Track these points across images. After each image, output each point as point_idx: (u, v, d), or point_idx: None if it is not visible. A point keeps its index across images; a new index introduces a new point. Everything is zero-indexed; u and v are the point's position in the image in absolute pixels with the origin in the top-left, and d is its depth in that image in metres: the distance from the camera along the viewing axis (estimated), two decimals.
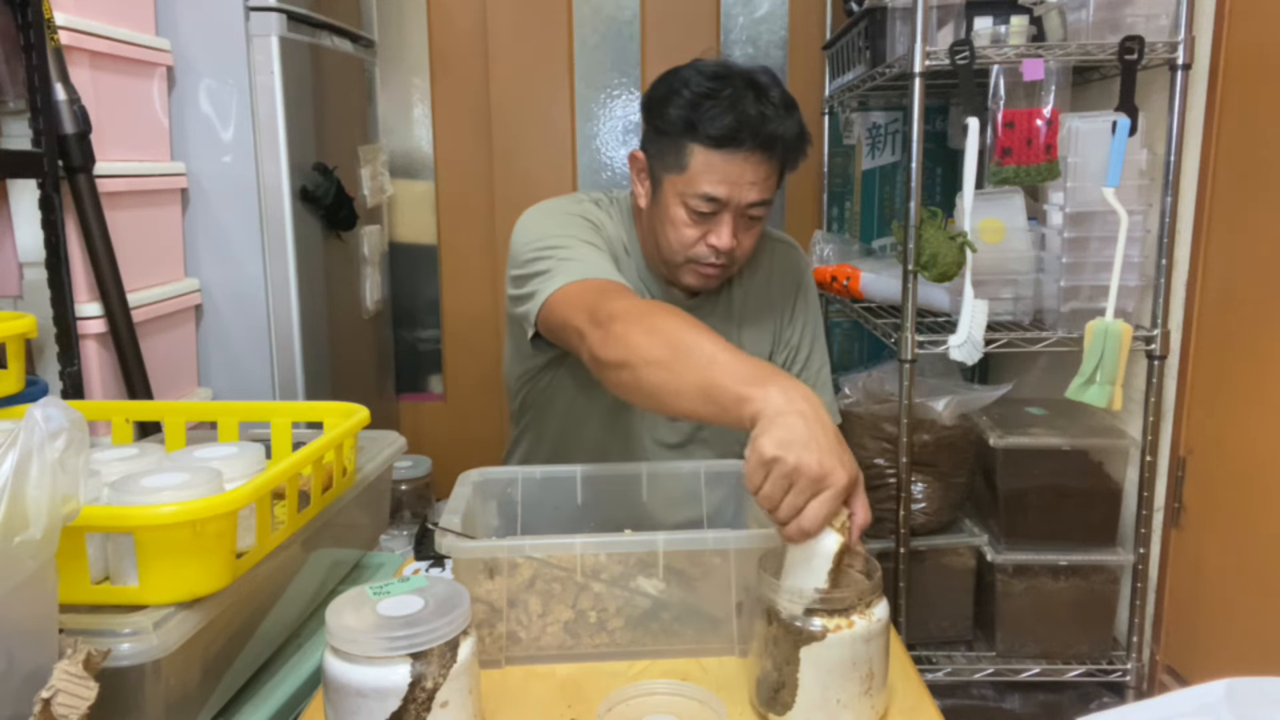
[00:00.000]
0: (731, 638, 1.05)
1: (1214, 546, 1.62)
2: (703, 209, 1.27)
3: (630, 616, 1.04)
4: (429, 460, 2.65)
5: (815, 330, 1.52)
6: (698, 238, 1.29)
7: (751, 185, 1.25)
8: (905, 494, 1.72)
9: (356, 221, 2.25)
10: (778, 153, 1.26)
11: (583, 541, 1.02)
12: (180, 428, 1.25)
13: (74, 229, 1.60)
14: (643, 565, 1.04)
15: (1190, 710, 0.59)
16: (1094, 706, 1.77)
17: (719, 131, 1.22)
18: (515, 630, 1.04)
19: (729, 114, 1.22)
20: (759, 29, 2.65)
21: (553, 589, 1.04)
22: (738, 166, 1.24)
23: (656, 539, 1.01)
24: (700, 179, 1.25)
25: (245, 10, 1.89)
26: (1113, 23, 1.61)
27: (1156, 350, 1.67)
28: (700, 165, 1.25)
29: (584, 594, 1.04)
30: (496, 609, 1.03)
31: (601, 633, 1.05)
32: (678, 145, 1.27)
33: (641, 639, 1.05)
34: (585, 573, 1.03)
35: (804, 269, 1.53)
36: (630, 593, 1.04)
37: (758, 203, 1.27)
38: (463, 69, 2.69)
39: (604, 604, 1.04)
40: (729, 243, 1.27)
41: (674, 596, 1.04)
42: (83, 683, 0.73)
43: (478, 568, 1.02)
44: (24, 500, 0.70)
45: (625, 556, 1.03)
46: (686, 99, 1.25)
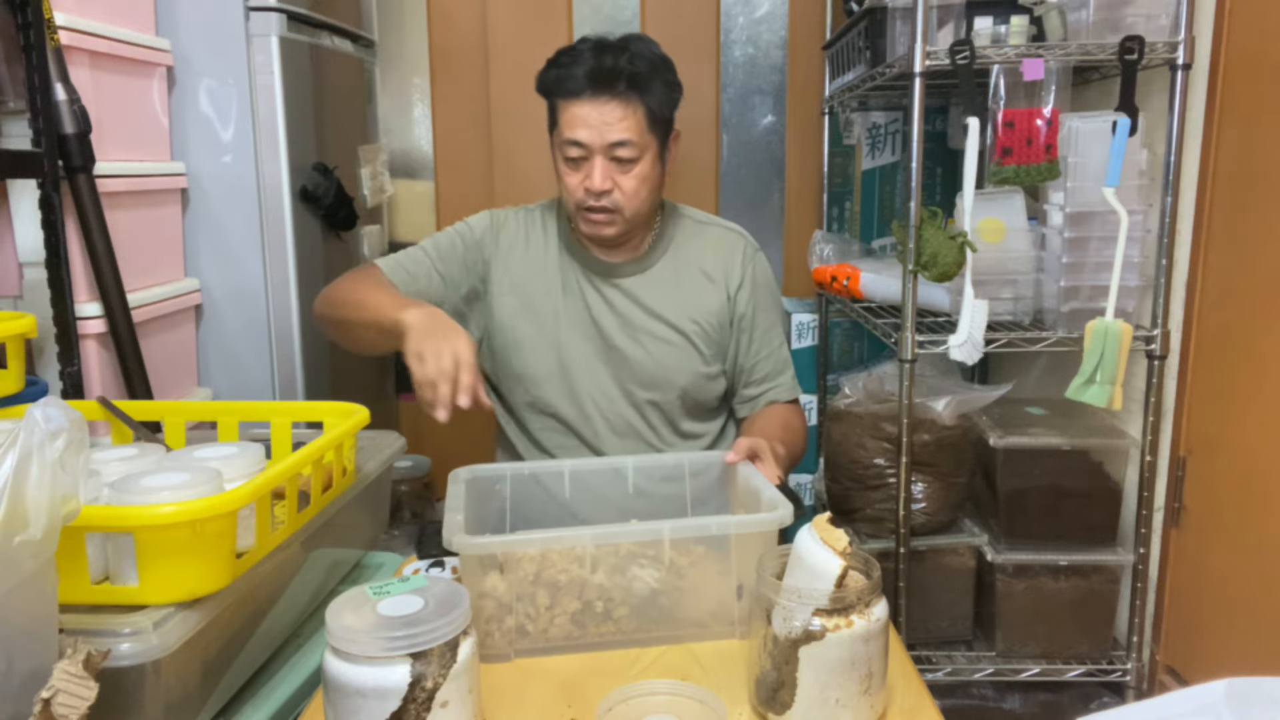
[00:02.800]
0: (733, 621, 1.08)
1: (1214, 546, 1.62)
2: (573, 154, 1.43)
3: (634, 605, 1.07)
4: (429, 460, 2.65)
5: (766, 309, 1.61)
6: (578, 184, 1.45)
7: (608, 126, 1.40)
8: (905, 494, 1.72)
9: (356, 221, 2.25)
10: (623, 91, 1.40)
11: (591, 532, 1.05)
12: (180, 428, 1.25)
13: (74, 229, 1.60)
14: (645, 555, 1.06)
15: (1190, 710, 0.59)
16: (1094, 706, 1.77)
17: (571, 83, 1.41)
18: (523, 624, 1.06)
19: (578, 68, 1.41)
20: (759, 29, 2.65)
21: (559, 581, 1.06)
22: (593, 110, 1.40)
23: (661, 527, 1.05)
24: (565, 129, 1.43)
25: (245, 10, 1.89)
26: (1113, 23, 1.61)
27: (1156, 350, 1.67)
28: (565, 118, 1.43)
29: (589, 585, 1.06)
30: (504, 603, 1.05)
31: (608, 622, 1.07)
32: (551, 107, 1.47)
33: (646, 626, 1.07)
34: (591, 564, 1.05)
35: (751, 253, 1.61)
36: (630, 580, 1.06)
37: (620, 142, 1.41)
38: (463, 69, 2.69)
39: (609, 594, 1.06)
40: (601, 183, 1.42)
41: (675, 584, 1.07)
42: (83, 683, 0.73)
43: (488, 564, 1.04)
44: (24, 500, 0.70)
45: (630, 546, 1.06)
46: (553, 64, 1.45)
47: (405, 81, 2.71)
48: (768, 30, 2.65)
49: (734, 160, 2.71)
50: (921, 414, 1.78)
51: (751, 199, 2.72)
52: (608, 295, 1.53)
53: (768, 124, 2.70)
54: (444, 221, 2.74)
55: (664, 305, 1.53)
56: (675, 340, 1.53)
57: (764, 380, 1.59)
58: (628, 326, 1.52)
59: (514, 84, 2.67)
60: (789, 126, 2.69)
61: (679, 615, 1.08)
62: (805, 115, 2.67)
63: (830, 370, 2.63)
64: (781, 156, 2.71)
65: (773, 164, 2.71)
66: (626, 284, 1.53)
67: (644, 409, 1.55)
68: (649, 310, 1.53)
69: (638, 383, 1.53)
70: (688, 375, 1.53)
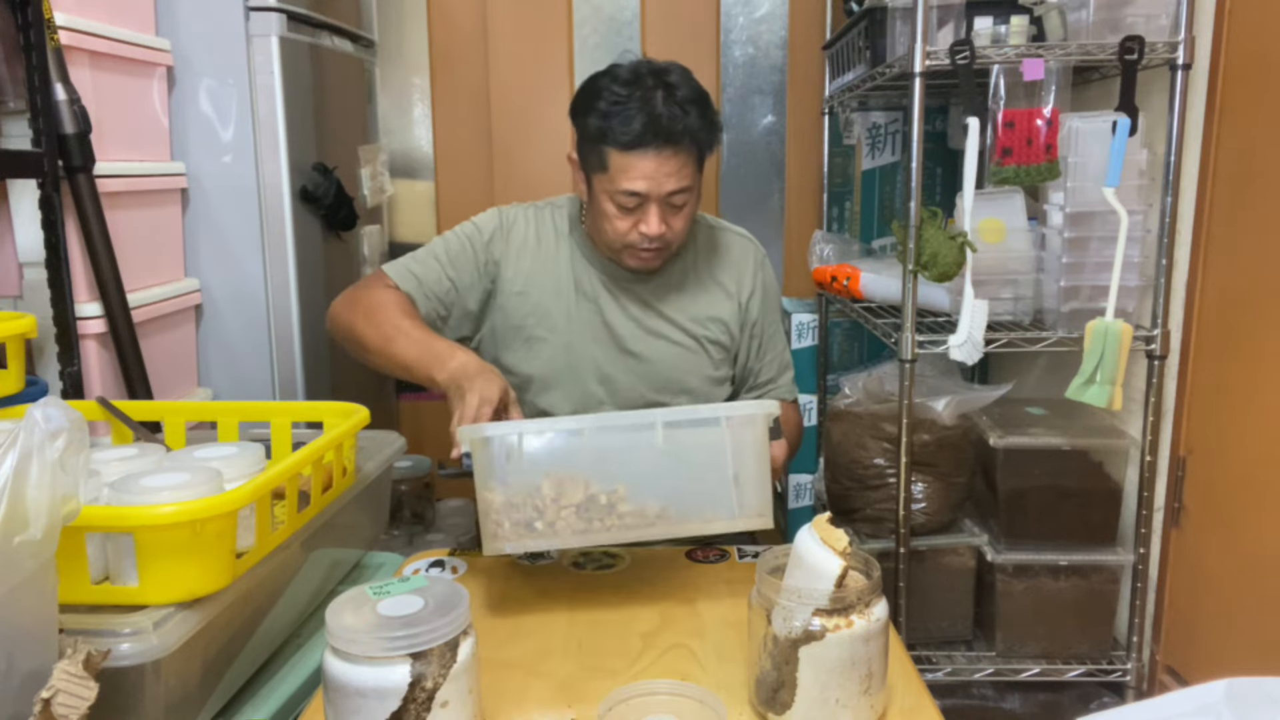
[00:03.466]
0: (733, 511, 1.14)
1: (1214, 546, 1.62)
2: (627, 204, 1.40)
3: (639, 500, 1.12)
4: (429, 460, 2.65)
5: (773, 313, 1.63)
6: (629, 228, 1.42)
7: (668, 177, 1.38)
8: (905, 494, 1.72)
9: (356, 221, 2.25)
10: (686, 145, 1.38)
11: (591, 419, 1.13)
12: (180, 428, 1.25)
13: (74, 229, 1.60)
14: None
15: (1190, 710, 0.59)
16: (1094, 706, 1.77)
17: (628, 137, 1.36)
18: (532, 520, 1.10)
19: (635, 119, 1.36)
20: (759, 29, 2.65)
21: (564, 478, 1.11)
22: (651, 163, 1.37)
23: (655, 414, 1.13)
24: (620, 178, 1.39)
25: (245, 10, 1.89)
26: (1113, 23, 1.61)
27: (1156, 350, 1.67)
28: (618, 166, 1.38)
29: (594, 480, 1.12)
30: (514, 502, 1.10)
31: (612, 515, 1.11)
32: (597, 150, 1.40)
33: (649, 520, 1.13)
34: (594, 446, 1.11)
35: (760, 260, 1.62)
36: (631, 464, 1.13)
37: (677, 191, 1.40)
38: (463, 69, 2.69)
39: (613, 486, 1.12)
40: (658, 229, 1.40)
41: (674, 477, 1.13)
42: (83, 683, 0.73)
43: (498, 454, 1.10)
44: (24, 500, 0.70)
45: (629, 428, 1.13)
46: (600, 109, 1.38)
47: (405, 81, 2.71)
48: (768, 30, 2.65)
49: (734, 160, 2.71)
50: (921, 414, 1.78)
51: (751, 199, 2.72)
52: (622, 299, 1.52)
53: (768, 124, 2.70)
54: (444, 221, 2.74)
55: (678, 310, 1.53)
56: (689, 344, 1.52)
57: (767, 383, 1.60)
58: (642, 330, 1.52)
59: (514, 84, 2.67)
60: (789, 126, 2.69)
61: (680, 507, 1.12)
62: (805, 115, 2.67)
63: (830, 370, 2.63)
64: (781, 156, 2.71)
65: (773, 164, 2.71)
66: (642, 289, 1.52)
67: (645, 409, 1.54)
68: (663, 315, 1.52)
69: (648, 385, 1.52)
70: (697, 379, 1.53)
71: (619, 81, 1.39)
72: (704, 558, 1.35)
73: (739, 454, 1.13)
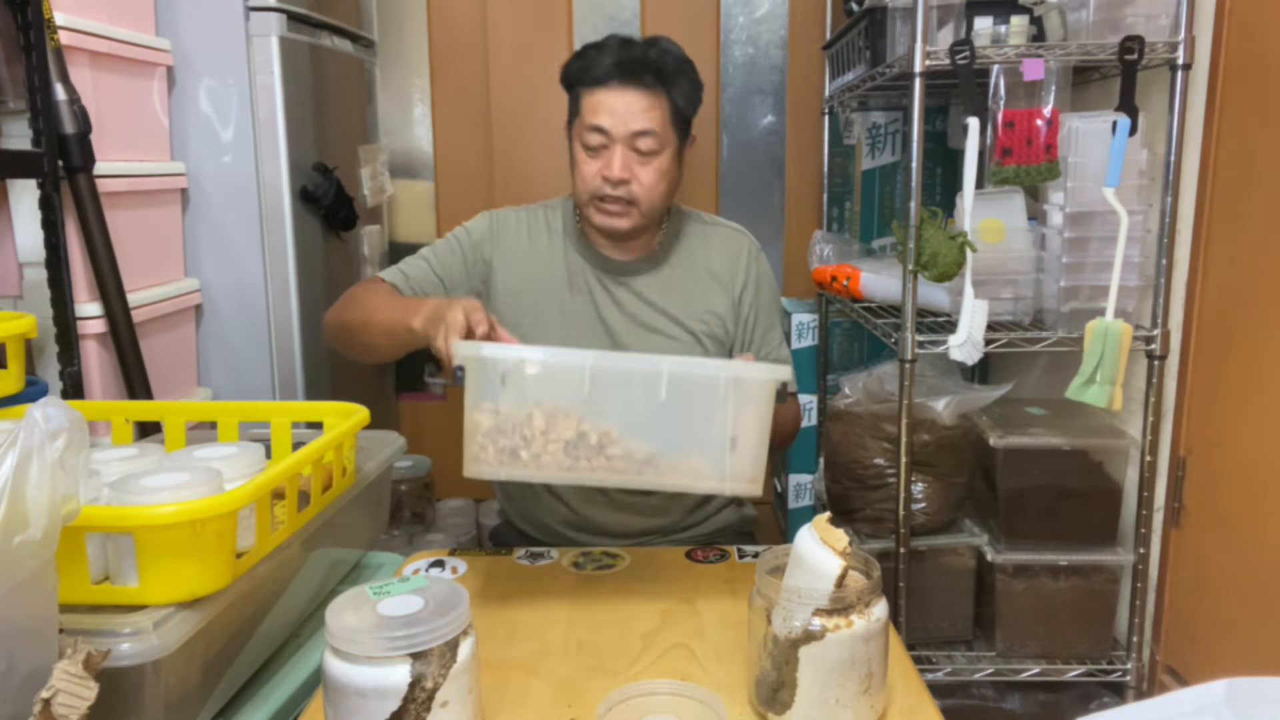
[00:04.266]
0: (724, 474, 1.08)
1: (1214, 546, 1.62)
2: (593, 141, 1.44)
3: (630, 447, 1.07)
4: (429, 460, 2.65)
5: (768, 305, 1.63)
6: (596, 171, 1.45)
7: (633, 115, 1.42)
8: (905, 494, 1.72)
9: (356, 221, 2.25)
10: (650, 83, 1.43)
11: (593, 355, 1.07)
12: (180, 428, 1.25)
13: (74, 229, 1.60)
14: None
15: (1190, 710, 0.59)
16: (1094, 706, 1.77)
17: (598, 71, 1.43)
18: (517, 448, 1.05)
19: (604, 58, 1.44)
20: (759, 29, 2.65)
21: (556, 411, 1.05)
22: (617, 98, 1.42)
23: (661, 361, 1.07)
24: (587, 114, 1.45)
25: (245, 10, 1.89)
26: (1113, 23, 1.61)
27: (1156, 350, 1.67)
28: (587, 105, 1.45)
29: (587, 419, 1.06)
30: (503, 428, 1.05)
31: (599, 456, 1.06)
32: (574, 96, 1.49)
33: (637, 467, 1.07)
34: (593, 387, 1.05)
35: (754, 252, 1.62)
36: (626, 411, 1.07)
37: (643, 131, 1.43)
38: (463, 69, 2.69)
39: (606, 427, 1.06)
40: (619, 172, 1.43)
41: (669, 430, 1.07)
42: (83, 683, 0.73)
43: (490, 373, 1.05)
44: (24, 500, 0.70)
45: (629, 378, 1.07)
46: (579, 56, 1.48)
47: (405, 81, 2.71)
48: (768, 30, 2.65)
49: (734, 160, 2.71)
50: (921, 414, 1.78)
51: (751, 199, 2.72)
52: (616, 294, 1.53)
53: (768, 124, 2.70)
54: (444, 221, 2.74)
55: (673, 304, 1.54)
56: (683, 339, 1.53)
57: None
58: (637, 325, 1.53)
59: (514, 84, 2.67)
60: (789, 126, 2.69)
61: (671, 460, 1.07)
62: (805, 115, 2.67)
63: (830, 370, 2.63)
64: (781, 156, 2.71)
65: (773, 164, 2.71)
66: (636, 283, 1.54)
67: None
68: (658, 309, 1.53)
69: None
70: None
71: (600, 41, 1.47)
72: (704, 558, 1.35)
73: (740, 417, 1.08)
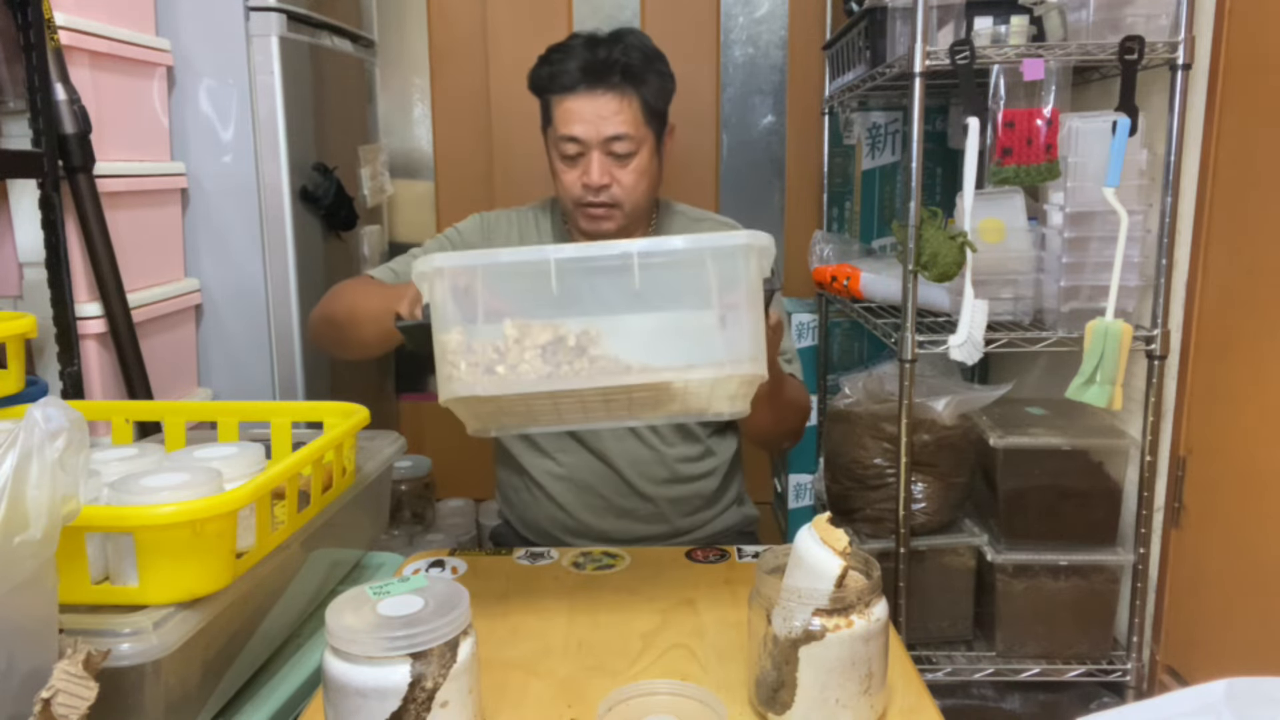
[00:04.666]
0: (719, 359, 0.97)
1: (1214, 546, 1.62)
2: (569, 151, 1.42)
3: (610, 342, 0.97)
4: (429, 460, 2.65)
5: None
6: (575, 179, 1.44)
7: (604, 120, 1.40)
8: (905, 494, 1.72)
9: (356, 221, 2.25)
10: (617, 84, 1.40)
11: (559, 252, 0.97)
12: (180, 428, 1.25)
13: (74, 229, 1.60)
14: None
15: (1190, 710, 0.59)
16: (1094, 706, 1.77)
17: (565, 79, 1.40)
18: (492, 363, 0.96)
19: (571, 62, 1.41)
20: (759, 29, 2.65)
21: (528, 316, 0.96)
22: (586, 104, 1.40)
23: (630, 247, 0.97)
24: (560, 124, 1.42)
25: (245, 10, 1.89)
26: (1113, 23, 1.61)
27: (1156, 350, 1.67)
28: (559, 114, 1.43)
29: (561, 320, 0.97)
30: (473, 345, 0.95)
31: (581, 359, 0.97)
32: (545, 104, 1.47)
33: (624, 365, 0.97)
34: (561, 284, 0.96)
35: None
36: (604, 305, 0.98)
37: (616, 136, 1.40)
38: (463, 69, 2.69)
39: (583, 327, 0.97)
40: (598, 178, 1.41)
41: (652, 319, 0.98)
42: (83, 683, 0.73)
43: (456, 289, 0.96)
44: (24, 500, 0.70)
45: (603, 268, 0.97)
46: (545, 61, 1.45)
47: (405, 81, 2.71)
48: (768, 30, 2.65)
49: (734, 160, 2.71)
50: (921, 414, 1.78)
51: (751, 199, 2.72)
52: None
53: (768, 124, 2.70)
54: (444, 222, 2.74)
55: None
56: None
57: None
58: None
59: (514, 84, 2.65)
60: (789, 126, 2.69)
61: (658, 352, 0.97)
62: (805, 115, 2.67)
63: (830, 370, 2.63)
64: (781, 156, 2.71)
65: (773, 164, 2.71)
66: None
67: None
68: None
69: None
70: None
71: (565, 41, 1.44)
72: (704, 558, 1.35)
73: (725, 291, 0.97)
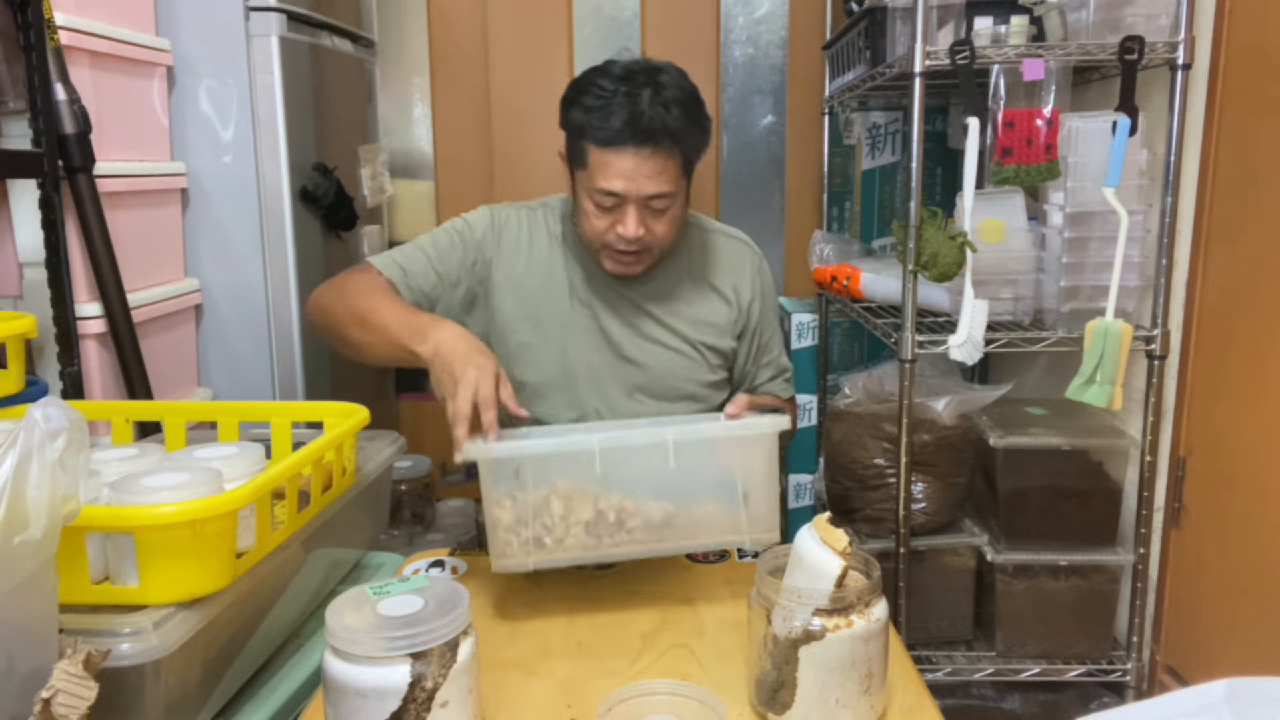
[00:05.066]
0: (740, 527, 1.15)
1: (1214, 546, 1.62)
2: (605, 203, 1.36)
3: (648, 516, 1.13)
4: (429, 460, 2.65)
5: (771, 317, 1.62)
6: (606, 227, 1.38)
7: (647, 179, 1.33)
8: (905, 494, 1.72)
9: (356, 221, 2.25)
10: (667, 146, 1.33)
11: (599, 438, 1.11)
12: (180, 428, 1.25)
13: (74, 229, 1.60)
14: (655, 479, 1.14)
15: (1190, 710, 0.59)
16: (1094, 706, 1.77)
17: (606, 133, 1.32)
18: (540, 536, 1.10)
19: (616, 116, 1.31)
20: (759, 29, 2.65)
21: (573, 493, 1.11)
22: (629, 162, 1.32)
23: (665, 431, 1.12)
24: (598, 175, 1.35)
25: (245, 10, 1.89)
26: (1113, 23, 1.61)
27: (1156, 350, 1.67)
28: (596, 163, 1.34)
29: (603, 497, 1.12)
30: (523, 518, 1.10)
31: (620, 531, 1.11)
32: (578, 145, 1.37)
33: (660, 536, 1.14)
34: (604, 466, 1.11)
35: (758, 264, 1.59)
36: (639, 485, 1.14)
37: (656, 195, 1.35)
38: (463, 69, 2.69)
39: (623, 504, 1.12)
40: (634, 232, 1.36)
41: (684, 494, 1.14)
42: (83, 683, 0.73)
43: (505, 470, 1.10)
44: (24, 500, 0.70)
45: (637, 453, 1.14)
46: (583, 104, 1.35)
47: (405, 81, 2.71)
48: (768, 30, 2.65)
49: (734, 160, 2.71)
50: (921, 414, 1.78)
51: (751, 199, 2.72)
52: (617, 304, 1.49)
53: (768, 124, 2.70)
54: (444, 222, 2.74)
55: (674, 315, 1.50)
56: (685, 350, 1.51)
57: (764, 384, 1.60)
58: (638, 335, 1.49)
59: (514, 84, 2.67)
60: (789, 126, 2.69)
61: (689, 523, 1.14)
62: (805, 115, 2.67)
63: (830, 370, 2.63)
64: (781, 156, 2.71)
65: (773, 164, 2.71)
66: (636, 293, 1.49)
67: (649, 418, 1.52)
68: (659, 320, 1.50)
69: (646, 392, 1.50)
70: (695, 384, 1.51)
71: (608, 77, 1.35)
72: (704, 558, 1.35)
73: (749, 472, 1.15)
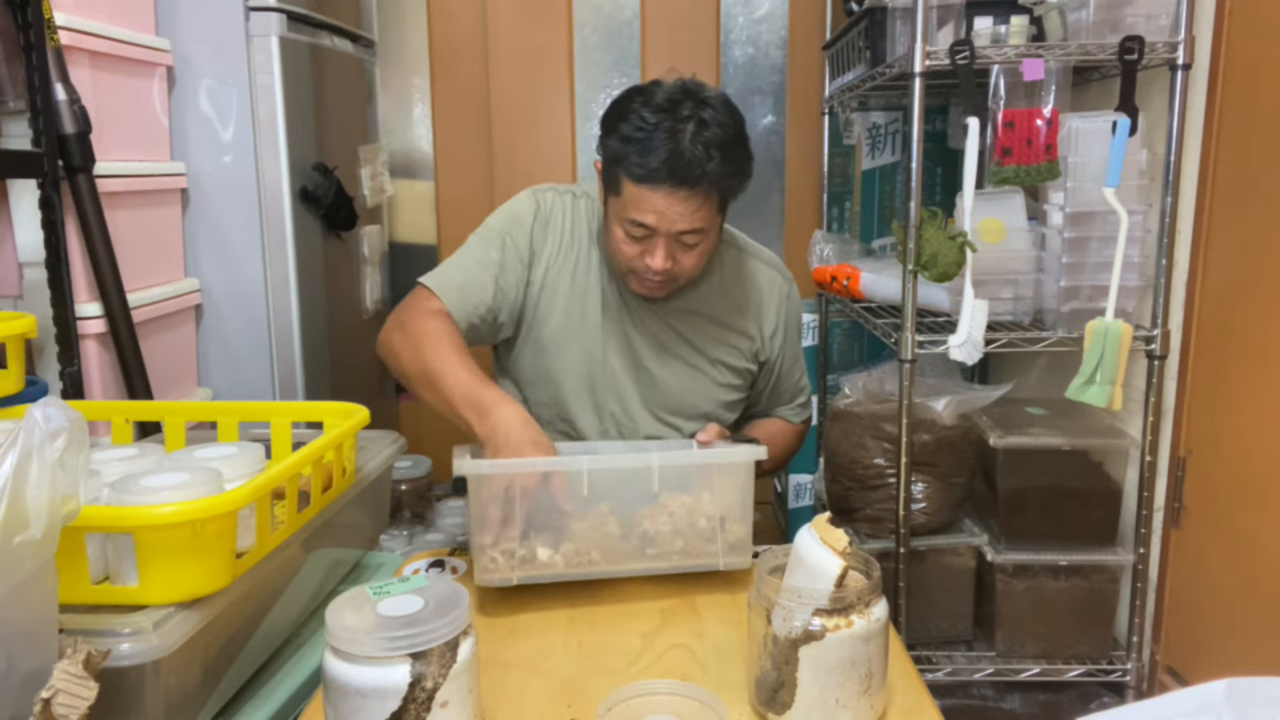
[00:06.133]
0: (716, 553, 1.23)
1: (1214, 546, 1.62)
2: (635, 233, 1.34)
3: (630, 537, 1.21)
4: (429, 460, 2.65)
5: (794, 345, 1.61)
6: (635, 255, 1.36)
7: (680, 216, 1.31)
8: (905, 494, 1.72)
9: (356, 221, 2.25)
10: (704, 189, 1.30)
11: (588, 461, 1.19)
12: (180, 428, 1.25)
13: (74, 229, 1.60)
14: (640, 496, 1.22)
15: (1190, 710, 0.59)
16: (1094, 706, 1.77)
17: (643, 170, 1.29)
18: (524, 553, 1.17)
19: (654, 153, 1.28)
20: (759, 29, 2.65)
21: (559, 513, 1.18)
22: (664, 200, 1.30)
23: (650, 459, 1.20)
24: (630, 206, 1.32)
25: (245, 10, 1.89)
26: (1113, 23, 1.61)
27: (1156, 350, 1.67)
28: (630, 194, 1.32)
29: (588, 517, 1.20)
30: (511, 534, 1.16)
31: (603, 551, 1.20)
32: (614, 172, 1.34)
33: (642, 556, 1.22)
34: (590, 488, 1.19)
35: (786, 294, 1.56)
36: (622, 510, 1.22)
37: (688, 231, 1.33)
38: (463, 69, 2.69)
39: (607, 526, 1.20)
40: (662, 265, 1.34)
41: (664, 519, 1.22)
42: (83, 683, 0.73)
43: (494, 488, 1.15)
44: (24, 500, 0.70)
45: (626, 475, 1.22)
46: (623, 133, 1.31)
47: (405, 81, 2.71)
48: (768, 30, 2.65)
49: None
50: (921, 414, 1.78)
51: (751, 199, 2.69)
52: (644, 315, 1.48)
53: (768, 124, 2.70)
54: (444, 222, 2.74)
55: (697, 334, 1.49)
56: (705, 368, 1.50)
57: (779, 405, 1.62)
58: (660, 349, 1.48)
59: (514, 84, 2.67)
60: (789, 126, 2.69)
61: (667, 546, 1.22)
62: (805, 115, 2.67)
63: (830, 370, 2.63)
64: (781, 156, 2.71)
65: (773, 164, 2.71)
66: (662, 307, 1.48)
67: (664, 432, 1.52)
68: (682, 336, 1.49)
69: (662, 405, 1.50)
70: (711, 403, 1.51)
71: (650, 106, 1.30)
72: None
73: (727, 497, 1.23)
